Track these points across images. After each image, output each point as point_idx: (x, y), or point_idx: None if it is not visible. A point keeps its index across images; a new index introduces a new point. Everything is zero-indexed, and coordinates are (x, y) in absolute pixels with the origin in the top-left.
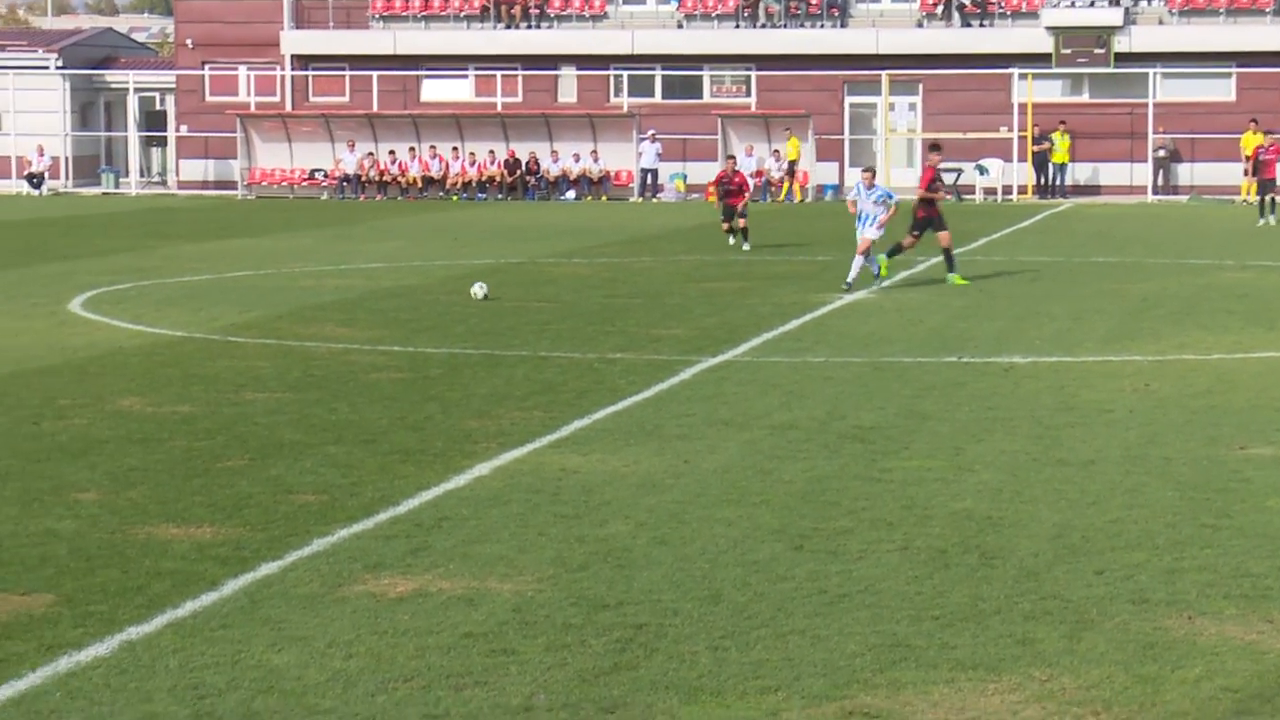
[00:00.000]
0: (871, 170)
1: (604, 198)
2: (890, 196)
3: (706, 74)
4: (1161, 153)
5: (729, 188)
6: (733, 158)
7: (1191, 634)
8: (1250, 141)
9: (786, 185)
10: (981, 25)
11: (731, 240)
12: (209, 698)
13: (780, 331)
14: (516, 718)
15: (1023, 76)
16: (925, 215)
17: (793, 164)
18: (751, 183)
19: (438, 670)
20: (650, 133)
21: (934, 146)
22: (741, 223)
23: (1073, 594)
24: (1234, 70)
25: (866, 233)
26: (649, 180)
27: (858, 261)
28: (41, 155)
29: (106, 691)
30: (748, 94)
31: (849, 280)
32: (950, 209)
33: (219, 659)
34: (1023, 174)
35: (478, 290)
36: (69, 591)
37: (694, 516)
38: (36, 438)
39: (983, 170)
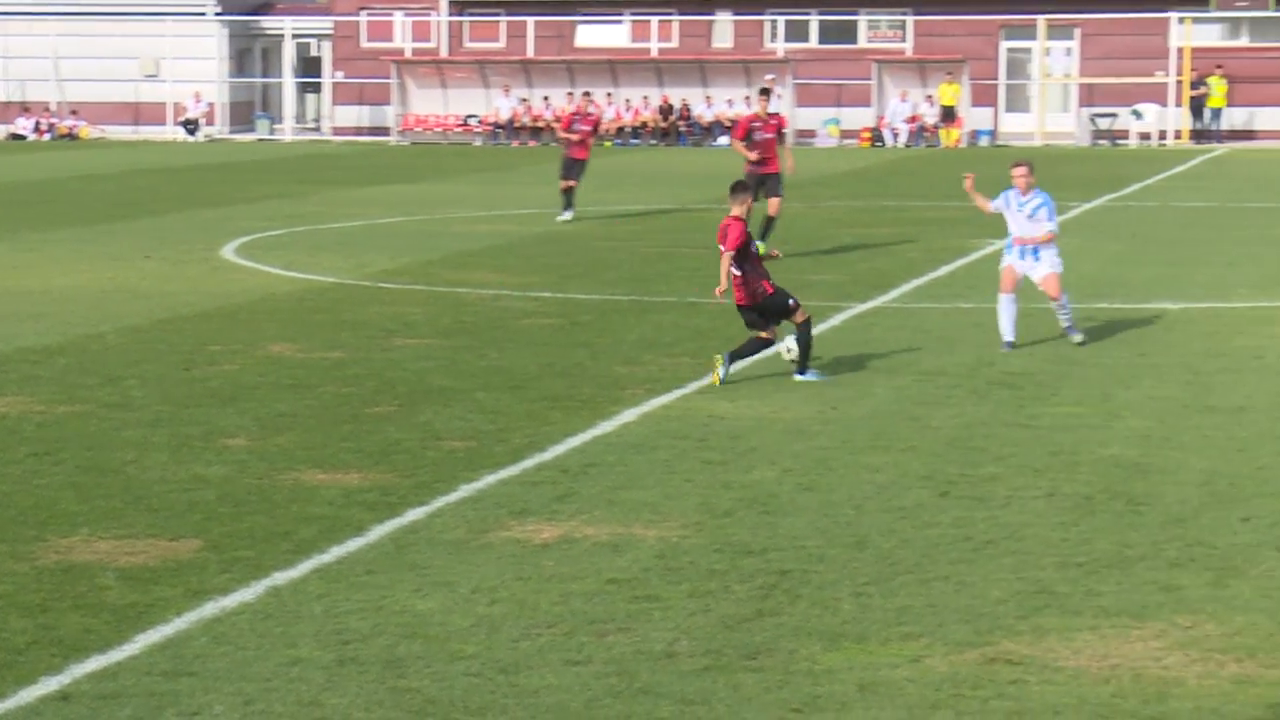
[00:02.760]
0: (1028, 166)
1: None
2: (1051, 207)
3: (862, 18)
4: None
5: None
6: (587, 94)
7: None
8: None
9: (950, 132)
10: None
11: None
12: (353, 643)
13: (931, 278)
14: (659, 663)
15: (1181, 20)
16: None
17: (948, 109)
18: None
19: (581, 616)
20: (768, 78)
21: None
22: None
23: (1219, 541)
24: None
25: (1024, 264)
26: None
27: (1008, 310)
28: (198, 101)
29: (252, 637)
30: (904, 39)
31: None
32: (1104, 154)
33: (364, 604)
34: (1178, 119)
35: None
36: (216, 537)
37: (841, 463)
38: (188, 384)
39: (1138, 115)
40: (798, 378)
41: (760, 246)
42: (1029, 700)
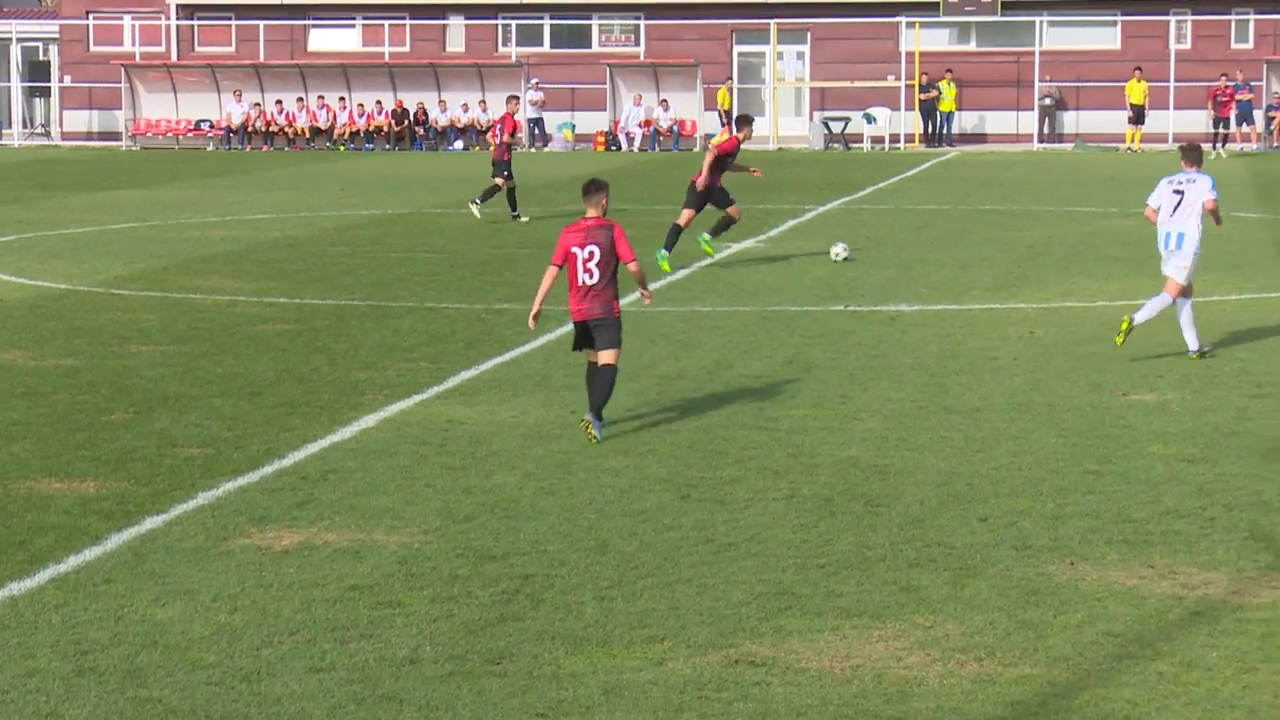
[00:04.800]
0: (1197, 149)
1: (491, 148)
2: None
3: (595, 23)
4: (1047, 101)
5: None
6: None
7: (1074, 580)
8: (1134, 90)
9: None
10: None
11: None
12: (92, 653)
13: (668, 281)
14: (402, 670)
15: (910, 25)
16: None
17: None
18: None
19: (323, 623)
20: (534, 82)
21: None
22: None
23: (957, 541)
24: (1119, 18)
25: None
26: (535, 130)
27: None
28: None
29: None
30: (636, 43)
31: (1202, 347)
32: (838, 158)
33: (102, 614)
34: (910, 122)
35: (841, 251)
36: None
37: (581, 467)
38: None
39: (870, 119)
40: (588, 418)
41: (706, 244)
42: (772, 701)
